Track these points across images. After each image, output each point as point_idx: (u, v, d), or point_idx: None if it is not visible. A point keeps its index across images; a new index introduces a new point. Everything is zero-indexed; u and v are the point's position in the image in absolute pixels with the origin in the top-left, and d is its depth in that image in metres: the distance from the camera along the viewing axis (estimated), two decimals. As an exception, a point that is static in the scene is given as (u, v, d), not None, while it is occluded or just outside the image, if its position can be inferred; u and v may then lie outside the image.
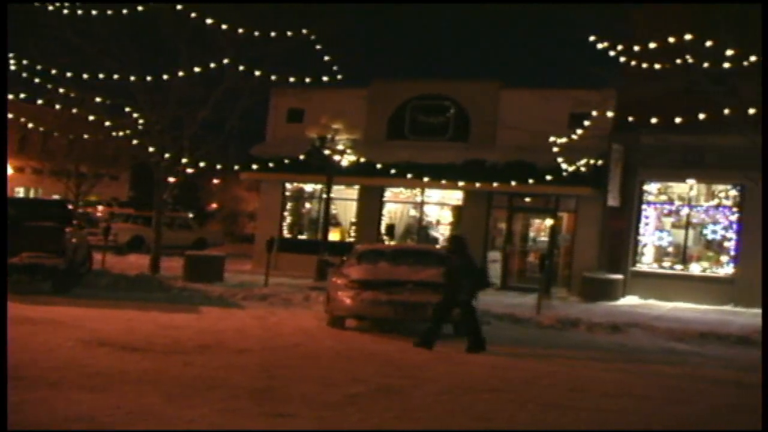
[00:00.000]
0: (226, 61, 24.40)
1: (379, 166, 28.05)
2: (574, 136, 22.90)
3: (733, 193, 26.03)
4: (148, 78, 23.88)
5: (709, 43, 20.73)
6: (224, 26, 23.66)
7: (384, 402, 10.45)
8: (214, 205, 72.91)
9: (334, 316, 17.39)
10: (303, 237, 31.36)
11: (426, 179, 27.83)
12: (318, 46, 24.67)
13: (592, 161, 25.44)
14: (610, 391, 12.13)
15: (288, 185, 31.39)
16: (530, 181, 26.28)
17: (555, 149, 23.12)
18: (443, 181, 27.76)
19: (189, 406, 9.55)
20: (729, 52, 20.53)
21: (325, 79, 25.00)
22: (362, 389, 11.06)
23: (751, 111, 20.61)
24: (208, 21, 23.35)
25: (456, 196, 29.43)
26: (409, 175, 27.78)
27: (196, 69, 24.17)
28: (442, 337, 16.94)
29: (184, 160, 26.08)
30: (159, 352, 13.03)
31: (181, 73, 24.36)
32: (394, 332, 16.91)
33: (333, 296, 17.49)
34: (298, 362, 13.08)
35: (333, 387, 11.13)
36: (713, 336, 19.47)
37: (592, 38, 21.37)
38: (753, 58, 20.83)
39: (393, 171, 27.88)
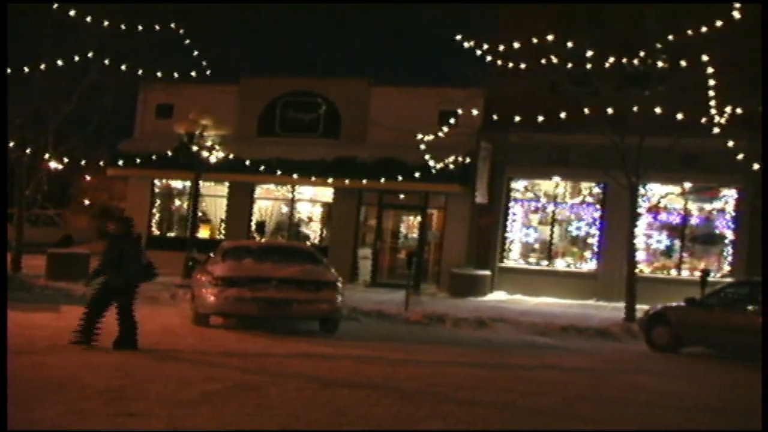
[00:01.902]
0: (90, 54, 23.81)
1: (248, 162, 27.84)
2: (441, 134, 23.10)
3: (597, 190, 26.69)
4: (8, 70, 23.10)
5: (570, 44, 21.22)
6: (88, 18, 23.08)
7: (240, 399, 10.35)
8: (86, 202, 71.20)
9: (198, 314, 17.17)
10: (172, 234, 30.88)
11: (296, 176, 27.75)
12: (187, 41, 24.29)
13: (460, 159, 25.74)
14: (468, 384, 12.29)
15: (157, 182, 30.88)
16: (399, 178, 26.45)
17: (422, 147, 23.29)
18: (313, 178, 27.71)
19: (35, 408, 9.28)
20: (589, 53, 21.06)
21: (193, 74, 24.65)
22: (219, 387, 10.93)
23: (610, 111, 21.20)
24: (72, 13, 22.74)
25: (327, 193, 29.39)
26: (278, 172, 27.65)
27: (59, 62, 23.52)
28: (307, 333, 16.98)
29: (47, 156, 25.36)
30: (13, 352, 12.59)
31: (43, 66, 23.66)
32: (259, 329, 16.80)
33: (197, 294, 17.28)
34: (156, 361, 12.86)
35: (189, 385, 10.97)
36: (574, 329, 20.00)
37: (458, 37, 21.64)
38: (611, 59, 21.45)
39: (262, 168, 27.71)
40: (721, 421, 10.63)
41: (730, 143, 20.96)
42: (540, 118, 22.83)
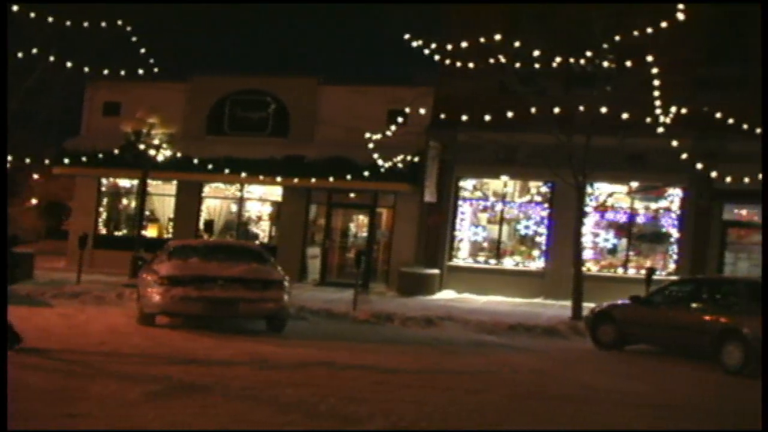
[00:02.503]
0: (35, 50, 23.51)
1: (196, 161, 27.69)
2: (388, 133, 23.12)
3: (545, 189, 26.85)
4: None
5: (517, 44, 21.36)
6: (32, 14, 22.79)
7: (183, 399, 10.29)
8: (34, 201, 70.27)
9: (144, 314, 17.03)
10: (119, 233, 30.60)
11: (244, 175, 27.64)
12: (134, 38, 24.09)
13: (409, 158, 25.77)
14: (414, 383, 12.32)
15: (104, 180, 30.59)
16: (348, 177, 26.43)
17: (370, 146, 23.29)
18: (262, 177, 27.62)
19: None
20: (536, 53, 21.21)
21: (140, 72, 24.44)
22: (162, 387, 10.86)
23: (557, 110, 21.37)
24: (14, 8, 22.43)
25: (276, 192, 29.31)
26: (227, 171, 27.54)
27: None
28: (253, 332, 16.92)
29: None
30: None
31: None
32: (206, 329, 16.70)
33: (143, 293, 17.15)
34: (100, 361, 12.73)
35: (132, 385, 10.88)
36: (522, 328, 20.09)
37: (406, 36, 21.69)
38: (558, 59, 21.64)
39: (211, 166, 27.59)
40: (663, 416, 10.74)
41: (674, 143, 21.22)
42: (488, 118, 22.97)
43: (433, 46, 21.75)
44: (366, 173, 25.80)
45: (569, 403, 11.37)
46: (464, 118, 23.29)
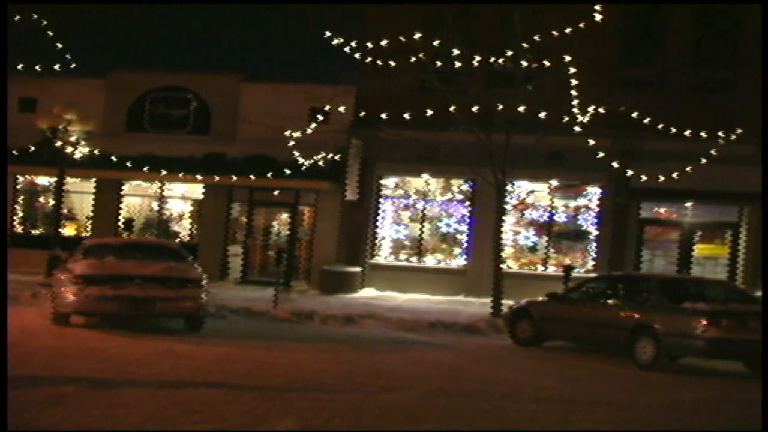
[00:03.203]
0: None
1: (115, 158, 27.29)
2: (308, 131, 23.07)
3: (466, 188, 27.04)
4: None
5: (437, 42, 21.45)
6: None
7: (93, 399, 10.13)
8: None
9: (58, 313, 16.74)
10: (36, 232, 30.04)
11: (164, 172, 27.31)
12: (50, 33, 23.60)
13: (330, 156, 25.73)
14: (329, 381, 12.30)
15: (20, 178, 30.00)
16: (270, 175, 26.29)
17: (291, 143, 23.20)
18: (182, 175, 27.32)
19: None
20: (455, 52, 21.34)
21: (57, 67, 23.97)
22: (73, 387, 10.67)
23: (475, 109, 21.52)
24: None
25: (197, 190, 29.04)
26: (146, 168, 27.19)
27: None
28: (170, 331, 16.76)
29: None
30: None
31: None
32: (122, 328, 16.48)
33: (57, 292, 16.87)
34: (9, 362, 12.44)
35: (42, 386, 10.68)
36: (441, 325, 20.20)
37: (327, 34, 21.65)
38: (478, 58, 21.80)
39: (130, 164, 27.21)
40: (574, 410, 10.87)
41: (591, 141, 21.51)
42: (409, 116, 23.05)
43: (354, 44, 21.72)
44: (287, 171, 25.66)
45: (484, 399, 11.44)
46: (385, 116, 23.35)
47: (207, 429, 9.15)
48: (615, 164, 22.27)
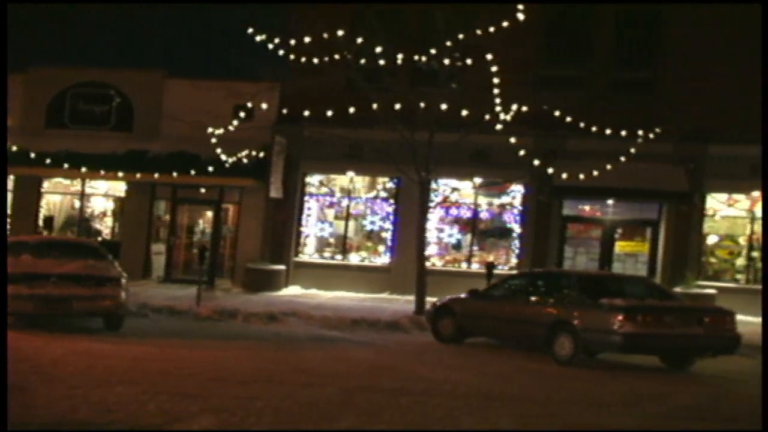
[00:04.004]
0: None
1: (33, 155, 26.80)
2: (231, 128, 22.90)
3: (390, 185, 27.10)
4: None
5: (360, 40, 21.46)
6: None
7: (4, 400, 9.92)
8: None
9: (-30, 313, 16.36)
10: (-48, 230, 29.35)
11: (84, 170, 26.88)
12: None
13: (254, 153, 25.58)
14: (249, 378, 12.24)
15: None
16: (193, 172, 26.05)
17: (213, 140, 23.00)
18: (103, 172, 26.92)
19: None
20: (378, 49, 21.37)
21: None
22: (-17, 388, 10.44)
23: (398, 106, 21.59)
24: None
25: (121, 188, 28.65)
26: (66, 165, 26.73)
27: None
28: (89, 331, 16.54)
29: None
30: None
31: None
32: (40, 328, 16.18)
33: (-31, 292, 16.46)
34: None
35: (-50, 387, 10.43)
36: (365, 323, 20.26)
37: (250, 31, 21.53)
38: (402, 56, 21.87)
39: (49, 161, 26.74)
40: (491, 406, 10.95)
41: (513, 140, 21.69)
42: (334, 114, 23.02)
43: (277, 41, 21.63)
44: (211, 169, 25.43)
45: (403, 395, 11.48)
46: (310, 113, 23.29)
47: (121, 428, 9.03)
48: (536, 162, 22.51)
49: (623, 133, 23.75)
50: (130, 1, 31.87)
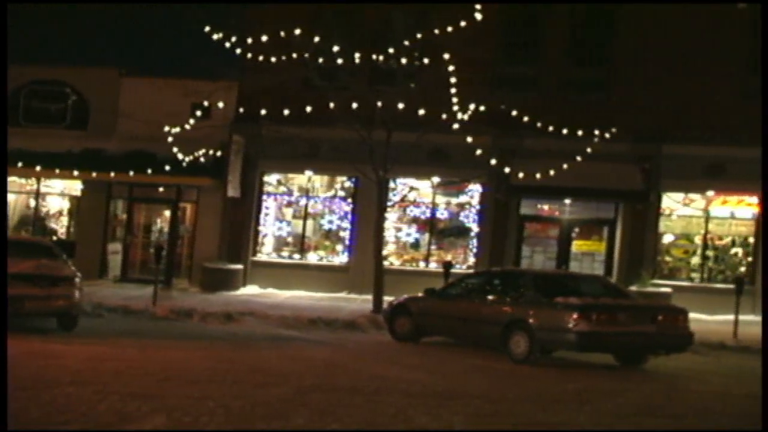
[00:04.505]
0: None
1: (-15, 153, 26.49)
2: (188, 127, 22.82)
3: (348, 184, 27.10)
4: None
5: (317, 39, 21.43)
6: None
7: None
8: None
9: None
10: None
11: (39, 168, 26.64)
12: None
13: (212, 152, 25.48)
14: (203, 378, 12.18)
15: None
16: (149, 171, 25.90)
17: (170, 139, 22.90)
18: (58, 171, 26.70)
19: None
20: (335, 48, 21.35)
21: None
22: (-69, 389, 10.30)
23: (355, 105, 21.59)
24: None
25: (77, 187, 28.40)
26: (20, 164, 26.43)
27: None
28: (42, 331, 16.39)
29: None
30: None
31: None
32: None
33: None
34: None
35: None
36: (322, 322, 20.26)
37: (207, 29, 21.43)
38: (360, 56, 21.86)
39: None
40: (444, 405, 10.96)
41: (469, 139, 21.75)
42: (292, 112, 22.97)
43: (234, 39, 21.54)
44: (168, 167, 25.30)
45: (357, 394, 11.47)
46: (267, 112, 23.24)
47: (70, 429, 8.95)
48: (493, 161, 22.61)
49: (580, 132, 23.92)
50: (85, 1, 31.50)
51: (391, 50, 22.08)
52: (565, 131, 23.88)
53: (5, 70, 21.84)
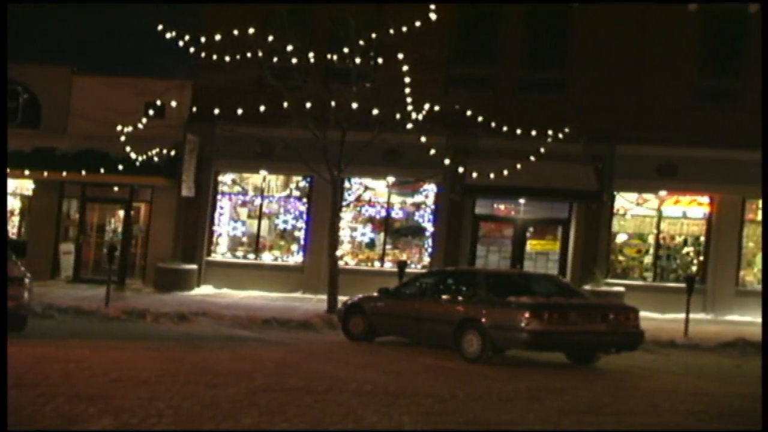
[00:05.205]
0: None
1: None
2: (140, 125, 22.66)
3: (303, 184, 27.06)
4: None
5: (270, 38, 21.38)
6: None
7: None
8: None
9: None
10: None
11: (-11, 167, 26.31)
12: None
13: (166, 151, 25.33)
14: (153, 379, 12.08)
15: None
16: (102, 170, 25.70)
17: (123, 138, 22.72)
18: (9, 170, 26.31)
19: None
20: (289, 48, 21.31)
21: None
22: None
23: (308, 105, 21.57)
24: None
25: (29, 186, 28.10)
26: (-34, 163, 26.14)
27: None
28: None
29: None
30: None
31: None
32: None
33: None
34: None
35: None
36: (276, 322, 20.21)
37: (160, 27, 21.29)
38: (314, 55, 21.83)
39: (-48, 158, 26.10)
40: (394, 404, 10.98)
41: (423, 139, 21.76)
42: (246, 112, 22.87)
43: (187, 38, 21.41)
44: (121, 167, 25.11)
45: (308, 394, 11.46)
46: (221, 111, 23.13)
47: (16, 430, 8.85)
48: (446, 161, 22.68)
49: (534, 132, 24.07)
50: (37, 1, 31.21)
51: (345, 50, 22.05)
52: (519, 131, 24.02)
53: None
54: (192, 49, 21.88)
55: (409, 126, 21.53)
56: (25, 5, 29.55)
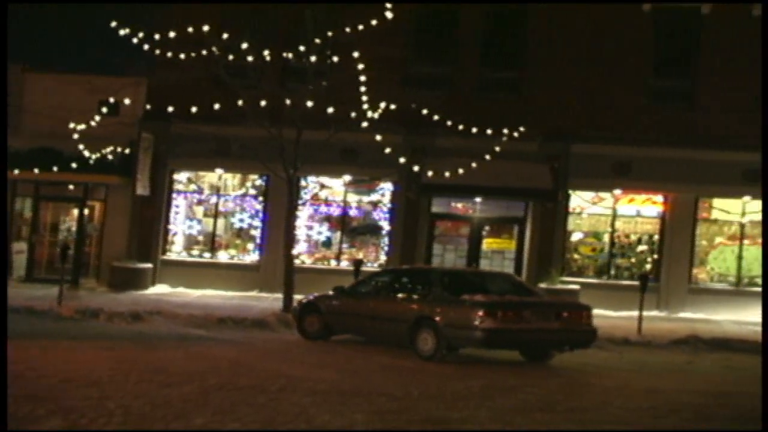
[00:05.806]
0: None
1: None
2: (93, 123, 22.45)
3: (260, 183, 26.96)
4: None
5: (225, 36, 21.27)
6: None
7: None
8: None
9: None
10: None
11: (-62, 166, 25.93)
12: None
13: (120, 149, 25.12)
14: (105, 379, 11.98)
15: None
16: (55, 168, 25.41)
17: (76, 136, 22.50)
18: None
19: None
20: (244, 46, 21.22)
21: None
22: None
23: (263, 103, 21.50)
24: None
25: (-21, 185, 27.73)
26: None
27: None
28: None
29: None
30: None
31: None
32: None
33: None
34: None
35: None
36: (231, 321, 20.13)
37: (113, 24, 21.10)
38: (268, 53, 21.75)
39: None
40: (346, 402, 10.97)
41: (378, 137, 21.76)
42: (201, 110, 22.75)
43: (142, 35, 21.24)
44: (74, 165, 24.85)
45: (261, 393, 11.42)
46: (176, 109, 22.97)
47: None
48: (402, 160, 22.70)
49: (489, 131, 24.15)
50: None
51: (301, 48, 21.99)
52: (475, 130, 24.09)
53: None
54: (147, 47, 21.69)
55: (365, 125, 21.52)
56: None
